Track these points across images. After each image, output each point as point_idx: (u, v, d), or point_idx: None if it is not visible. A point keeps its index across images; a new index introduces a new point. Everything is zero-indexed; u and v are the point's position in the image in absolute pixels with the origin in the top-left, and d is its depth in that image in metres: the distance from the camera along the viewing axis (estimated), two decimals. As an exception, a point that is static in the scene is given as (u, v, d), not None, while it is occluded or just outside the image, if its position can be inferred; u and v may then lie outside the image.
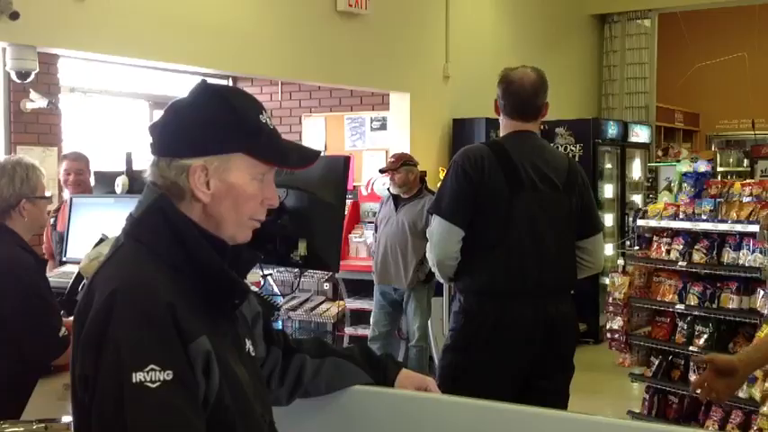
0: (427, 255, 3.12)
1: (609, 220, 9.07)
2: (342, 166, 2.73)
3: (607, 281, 5.75)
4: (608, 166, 9.13)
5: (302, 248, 2.66)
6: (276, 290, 7.36)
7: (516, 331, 2.94)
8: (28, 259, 2.79)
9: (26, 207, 2.81)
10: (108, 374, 1.32)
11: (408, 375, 1.90)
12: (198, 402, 1.38)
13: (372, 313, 6.22)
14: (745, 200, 4.98)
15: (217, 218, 1.50)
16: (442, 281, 3.21)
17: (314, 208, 2.68)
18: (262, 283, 6.98)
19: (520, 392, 2.96)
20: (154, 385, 1.31)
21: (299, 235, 2.66)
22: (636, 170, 9.48)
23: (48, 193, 2.95)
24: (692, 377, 5.15)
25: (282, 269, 6.98)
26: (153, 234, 1.46)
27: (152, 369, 1.31)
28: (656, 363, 5.38)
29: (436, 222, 3.03)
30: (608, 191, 9.08)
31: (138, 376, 1.30)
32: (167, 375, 1.32)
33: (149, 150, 1.54)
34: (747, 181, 5.39)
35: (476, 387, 2.85)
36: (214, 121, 1.48)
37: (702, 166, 5.48)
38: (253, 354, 1.61)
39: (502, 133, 3.17)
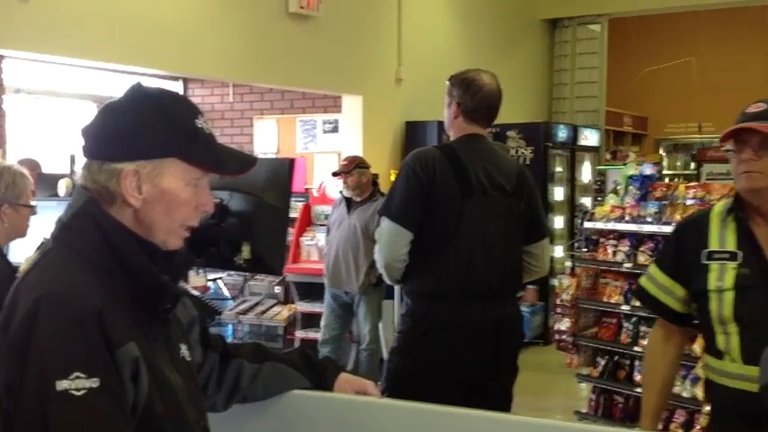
0: (375, 256, 3.12)
1: (559, 222, 9.18)
2: (287, 169, 2.73)
3: (556, 283, 5.82)
4: (558, 169, 9.24)
5: (246, 252, 2.64)
6: (227, 293, 7.31)
7: (463, 334, 2.96)
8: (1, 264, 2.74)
9: (7, 212, 2.78)
10: (32, 383, 1.29)
11: (348, 379, 1.89)
12: (126, 409, 1.36)
13: (323, 316, 6.20)
14: (689, 202, 5.08)
15: (148, 223, 1.48)
16: (389, 283, 3.21)
17: (258, 211, 2.67)
18: (210, 286, 6.94)
19: (466, 394, 2.97)
20: (79, 393, 1.28)
21: (242, 238, 2.65)
22: (585, 173, 9.61)
23: (33, 203, 2.90)
24: (638, 377, 5.24)
25: (234, 272, 6.94)
26: (82, 238, 1.44)
27: (77, 377, 1.29)
28: (603, 363, 5.46)
29: (385, 224, 3.04)
30: (558, 194, 9.18)
31: (62, 384, 1.28)
32: (93, 383, 1.30)
33: (81, 153, 1.51)
34: (691, 184, 5.50)
35: (423, 389, 2.86)
36: (147, 125, 1.46)
37: (648, 170, 5.57)
38: (188, 359, 1.60)
39: (453, 136, 3.18)
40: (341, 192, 6.18)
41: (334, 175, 6.19)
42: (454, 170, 3.00)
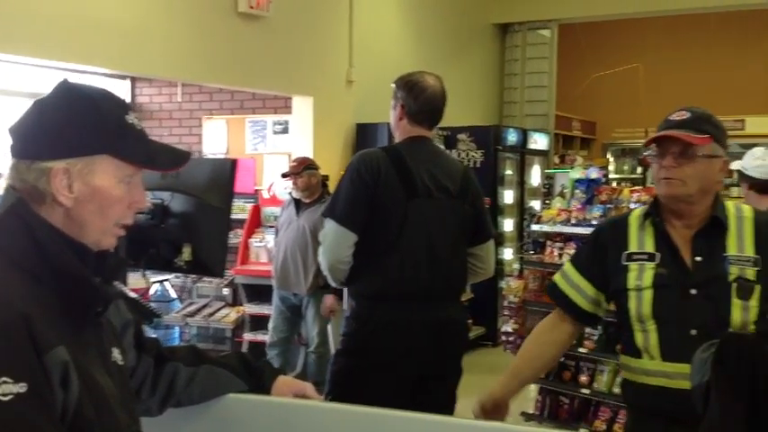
0: (319, 258, 3.11)
1: (509, 225, 9.26)
2: (229, 169, 2.70)
3: (504, 285, 5.86)
4: (508, 172, 9.32)
5: (187, 253, 2.61)
6: (173, 295, 7.22)
7: (407, 335, 2.97)
8: None
9: None
10: None
11: (286, 382, 1.88)
12: (55, 415, 1.32)
13: (271, 319, 6.16)
14: (633, 206, 5.16)
15: (80, 222, 1.44)
16: (333, 285, 3.20)
17: (200, 212, 2.64)
18: (154, 288, 6.85)
19: (411, 395, 2.98)
20: (6, 398, 1.25)
21: (183, 239, 2.61)
22: (535, 176, 9.71)
23: None
24: (582, 378, 5.32)
25: (181, 275, 6.86)
26: (9, 240, 1.40)
27: (4, 382, 1.25)
28: (549, 365, 5.52)
29: (329, 226, 3.03)
30: (508, 196, 9.27)
31: None
32: (21, 388, 1.26)
33: (9, 152, 1.48)
34: (635, 188, 5.60)
35: (367, 391, 2.88)
36: (76, 122, 1.43)
37: (594, 173, 5.65)
38: (120, 363, 1.56)
39: (398, 138, 3.18)
40: (290, 193, 6.15)
41: (284, 176, 6.16)
42: (399, 172, 3.01)
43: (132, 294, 2.39)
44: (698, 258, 2.23)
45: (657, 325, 2.22)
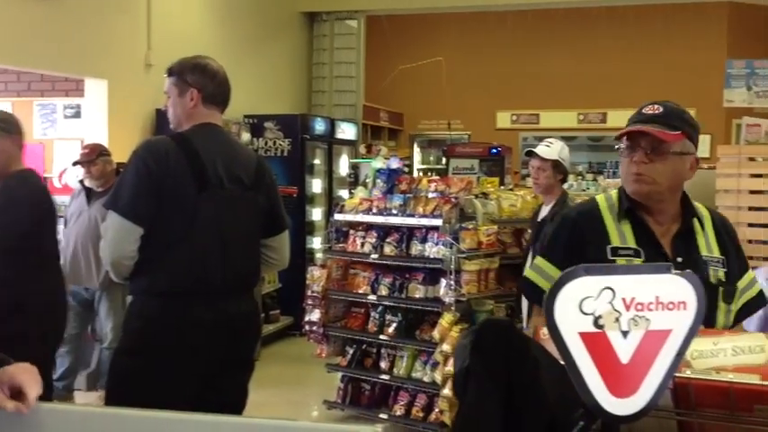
0: (101, 253, 2.92)
1: (317, 214, 9.28)
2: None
3: (308, 275, 5.84)
4: (317, 161, 9.34)
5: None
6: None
7: (198, 333, 2.84)
8: None
9: None
10: None
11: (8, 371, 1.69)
12: None
13: (61, 315, 5.78)
14: (431, 195, 5.31)
15: None
16: (116, 280, 3.01)
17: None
18: None
19: (200, 392, 2.86)
20: None
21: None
22: (343, 166, 9.80)
23: None
24: (383, 364, 5.41)
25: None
26: None
27: None
28: (351, 352, 5.58)
29: (112, 219, 2.84)
30: (316, 186, 9.28)
31: None
32: None
33: None
34: (433, 177, 5.76)
35: (153, 391, 2.72)
36: None
37: (395, 163, 5.75)
38: None
39: (185, 126, 3.04)
40: (81, 181, 5.82)
41: (76, 164, 5.82)
42: (189, 162, 2.87)
43: None
44: (679, 259, 2.15)
45: None
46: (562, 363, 1.21)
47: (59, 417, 1.69)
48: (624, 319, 1.22)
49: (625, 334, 1.22)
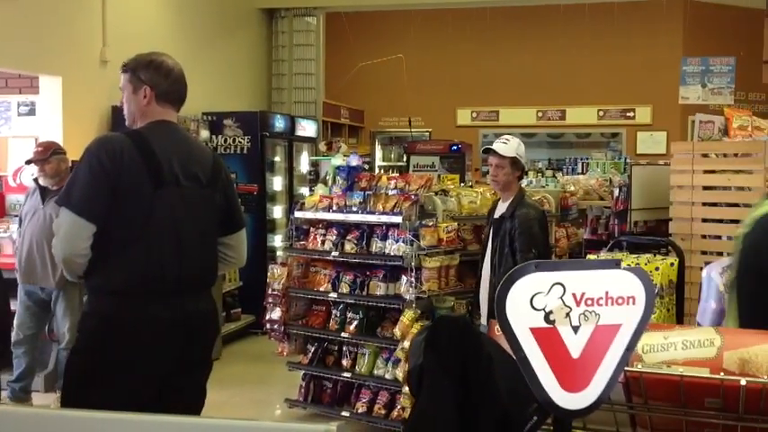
0: (53, 250, 2.88)
1: (278, 212, 9.24)
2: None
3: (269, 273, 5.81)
4: (277, 158, 9.29)
5: None
6: None
7: (154, 332, 2.81)
8: None
9: None
10: None
11: None
12: None
13: (17, 315, 5.68)
14: (391, 192, 5.31)
15: None
16: (70, 279, 2.97)
17: None
18: None
19: (157, 392, 2.83)
20: None
21: None
22: (304, 163, 9.75)
23: None
24: (345, 362, 5.40)
25: None
26: None
27: None
28: (312, 350, 5.56)
29: (65, 215, 2.80)
30: (277, 183, 9.24)
31: None
32: None
33: None
34: (392, 174, 5.76)
35: (109, 391, 2.69)
36: None
37: (354, 161, 5.76)
38: None
39: (139, 123, 3.01)
40: (35, 180, 5.74)
41: (29, 162, 5.75)
42: (144, 159, 2.84)
43: None
44: None
45: None
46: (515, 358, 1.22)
47: (11, 420, 1.66)
48: (575, 314, 1.23)
49: (576, 329, 1.23)
